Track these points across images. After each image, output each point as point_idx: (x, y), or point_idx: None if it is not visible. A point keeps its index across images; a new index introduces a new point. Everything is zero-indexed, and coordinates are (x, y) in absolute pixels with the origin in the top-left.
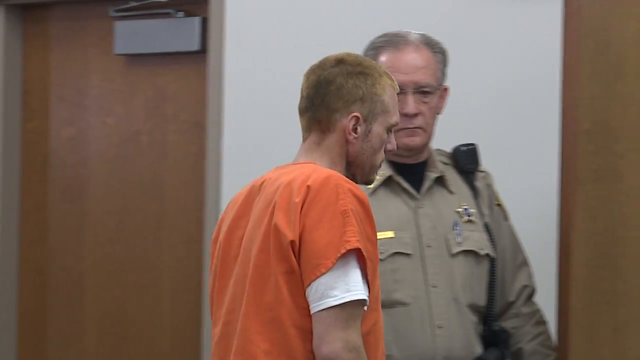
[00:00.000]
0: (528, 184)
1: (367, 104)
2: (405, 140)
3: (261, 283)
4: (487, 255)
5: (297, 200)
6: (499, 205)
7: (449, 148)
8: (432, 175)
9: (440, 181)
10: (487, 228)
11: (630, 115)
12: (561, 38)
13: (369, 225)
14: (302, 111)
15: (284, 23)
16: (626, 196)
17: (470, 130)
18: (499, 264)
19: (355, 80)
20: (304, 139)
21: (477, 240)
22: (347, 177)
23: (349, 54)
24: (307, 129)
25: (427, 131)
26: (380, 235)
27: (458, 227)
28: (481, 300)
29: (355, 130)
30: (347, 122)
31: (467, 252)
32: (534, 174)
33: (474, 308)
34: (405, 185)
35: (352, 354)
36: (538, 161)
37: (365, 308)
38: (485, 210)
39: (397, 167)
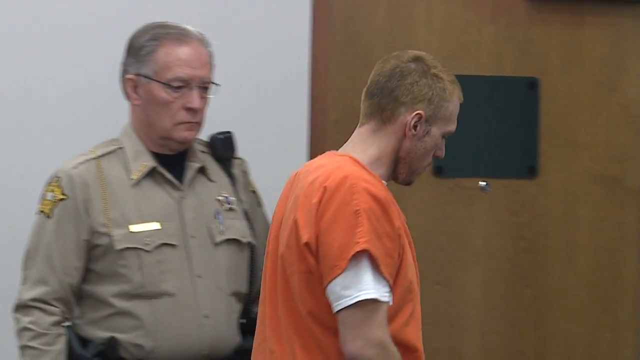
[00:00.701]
0: (279, 175)
1: (433, 106)
2: (185, 134)
3: (287, 277)
4: (249, 243)
5: (314, 200)
6: (253, 192)
7: (204, 137)
8: (194, 165)
9: (201, 171)
10: (247, 215)
11: None
12: (310, 29)
13: (387, 222)
14: (368, 96)
15: (13, 22)
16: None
17: (223, 121)
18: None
19: (428, 80)
20: (360, 124)
21: (239, 229)
22: (389, 174)
23: (427, 54)
24: (367, 115)
25: (201, 125)
26: (146, 227)
27: (220, 216)
28: (244, 288)
29: (415, 127)
30: (410, 118)
31: (229, 241)
32: (284, 164)
33: (237, 296)
34: (169, 176)
35: (375, 350)
36: (288, 152)
37: (391, 302)
38: (243, 197)
39: (159, 158)
